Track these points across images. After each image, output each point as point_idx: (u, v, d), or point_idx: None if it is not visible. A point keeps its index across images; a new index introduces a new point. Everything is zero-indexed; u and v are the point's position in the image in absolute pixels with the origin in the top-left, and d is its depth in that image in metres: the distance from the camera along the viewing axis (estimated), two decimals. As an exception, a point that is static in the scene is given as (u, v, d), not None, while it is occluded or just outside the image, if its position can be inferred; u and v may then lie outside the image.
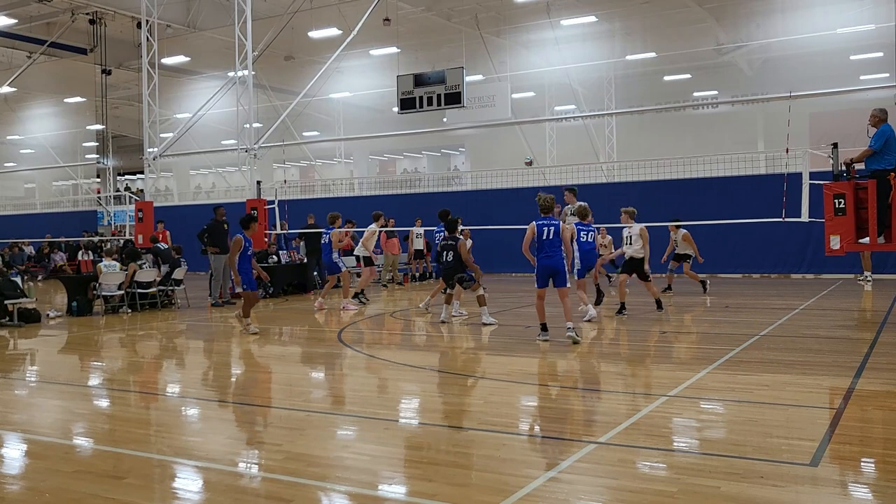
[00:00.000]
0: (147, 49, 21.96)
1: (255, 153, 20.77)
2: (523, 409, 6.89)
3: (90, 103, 33.17)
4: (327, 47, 24.90)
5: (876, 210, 10.50)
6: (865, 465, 4.99)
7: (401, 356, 9.85)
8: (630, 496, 4.39)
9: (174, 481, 5.00)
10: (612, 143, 30.54)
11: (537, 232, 10.03)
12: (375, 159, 42.49)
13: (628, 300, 13.07)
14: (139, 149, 24.93)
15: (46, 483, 4.85)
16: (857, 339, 10.13)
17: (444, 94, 18.25)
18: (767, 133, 28.61)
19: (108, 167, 37.12)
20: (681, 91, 30.59)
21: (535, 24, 26.77)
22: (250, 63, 20.44)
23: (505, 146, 31.42)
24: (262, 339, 11.01)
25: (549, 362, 8.87)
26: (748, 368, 8.11)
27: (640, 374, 8.14)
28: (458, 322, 12.53)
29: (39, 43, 26.86)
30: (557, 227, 10.04)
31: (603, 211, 20.93)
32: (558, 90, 30.59)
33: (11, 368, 9.64)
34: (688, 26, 26.88)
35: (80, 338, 12.30)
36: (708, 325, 11.83)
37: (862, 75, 25.80)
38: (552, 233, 9.99)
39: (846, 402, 6.48)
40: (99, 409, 7.28)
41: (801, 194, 13.05)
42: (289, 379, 8.51)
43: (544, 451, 5.43)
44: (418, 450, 5.53)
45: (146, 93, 22.21)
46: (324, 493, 4.62)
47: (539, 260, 10.11)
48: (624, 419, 5.98)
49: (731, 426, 5.93)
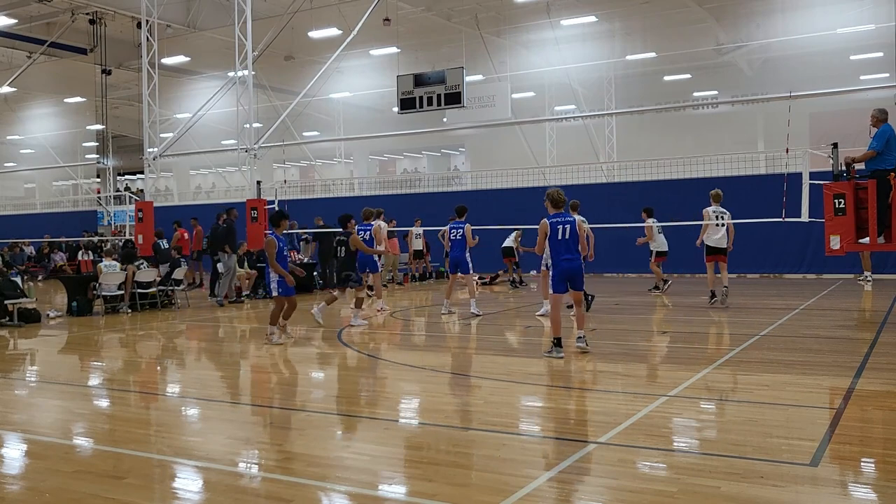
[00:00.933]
0: (147, 49, 21.95)
1: (255, 153, 20.77)
2: (523, 409, 6.89)
3: (90, 103, 33.15)
4: (327, 47, 24.89)
5: (876, 210, 10.50)
6: (865, 465, 4.99)
7: (401, 356, 9.85)
8: (630, 496, 4.39)
9: (174, 481, 5.00)
10: (612, 143, 30.54)
11: (551, 230, 8.96)
12: (375, 159, 42.48)
13: (629, 300, 13.07)
14: (139, 149, 24.92)
15: (46, 483, 4.86)
16: (857, 339, 10.13)
17: (444, 94, 18.25)
18: (767, 133, 28.60)
19: (108, 167, 37.12)
20: (681, 91, 30.57)
21: (535, 24, 26.76)
22: (250, 63, 20.44)
23: (505, 146, 31.40)
24: (261, 339, 10.99)
25: (548, 362, 8.86)
26: (748, 368, 8.11)
27: (639, 374, 8.14)
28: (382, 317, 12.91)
29: (39, 43, 26.85)
30: (573, 223, 9.01)
31: (603, 211, 20.99)
32: (558, 90, 30.58)
33: (11, 368, 9.64)
34: (688, 26, 26.87)
35: (80, 338, 12.30)
36: (708, 325, 11.82)
37: (862, 75, 25.77)
38: (568, 231, 8.93)
39: (846, 402, 6.48)
40: (99, 409, 7.28)
41: (801, 194, 13.06)
42: (289, 379, 8.51)
43: (544, 451, 5.43)
44: (418, 450, 5.53)
45: (146, 93, 22.21)
46: (324, 493, 4.62)
47: (559, 263, 8.97)
48: (624, 419, 5.97)
49: (731, 426, 5.92)
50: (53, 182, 45.74)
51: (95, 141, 38.97)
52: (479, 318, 12.82)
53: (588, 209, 21.74)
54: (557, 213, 9.09)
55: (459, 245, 13.33)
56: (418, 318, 13.55)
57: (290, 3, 23.35)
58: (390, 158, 44.18)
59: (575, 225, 9.03)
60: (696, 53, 28.56)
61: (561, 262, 8.96)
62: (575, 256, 9.00)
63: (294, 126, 29.93)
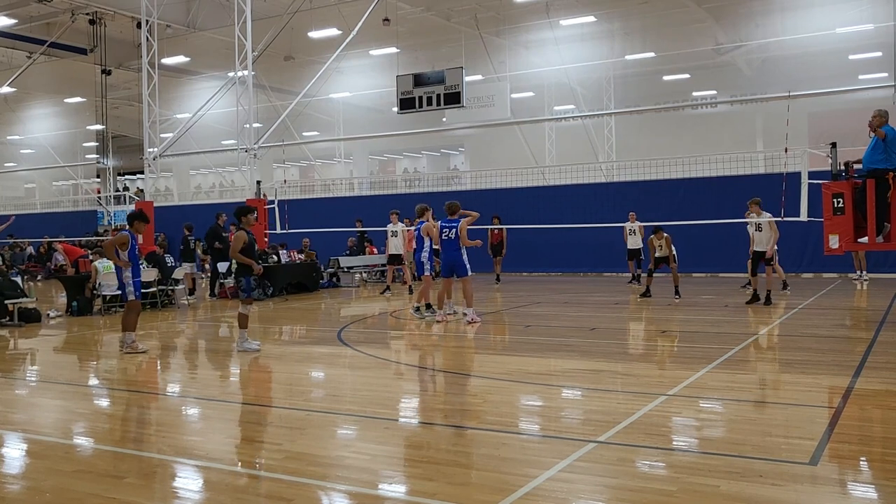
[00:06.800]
0: (147, 49, 21.97)
1: (255, 153, 20.79)
2: (523, 408, 6.90)
3: (90, 103, 33.14)
4: (327, 47, 24.91)
5: (874, 209, 10.51)
6: (864, 463, 5.00)
7: (401, 356, 9.86)
8: (630, 495, 4.40)
9: (174, 481, 5.00)
10: (611, 142, 30.55)
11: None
12: (375, 159, 42.49)
13: (629, 299, 13.06)
14: (139, 149, 24.94)
15: (47, 483, 4.86)
16: (856, 338, 10.14)
17: (444, 94, 18.28)
18: (766, 133, 28.63)
19: (108, 167, 37.14)
20: (680, 91, 30.60)
21: (535, 24, 26.77)
22: (250, 63, 20.46)
23: (504, 146, 31.41)
24: (261, 338, 11.00)
25: (548, 361, 8.88)
26: (747, 367, 8.12)
27: (639, 373, 8.14)
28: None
29: (39, 43, 26.84)
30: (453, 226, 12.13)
31: (602, 210, 21.02)
32: (557, 90, 30.59)
33: (12, 368, 9.64)
34: (687, 26, 26.88)
35: (80, 338, 12.30)
36: (708, 324, 11.84)
37: (861, 75, 25.80)
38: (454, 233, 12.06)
39: (845, 401, 6.49)
40: (99, 409, 7.29)
41: (799, 194, 13.07)
42: (289, 378, 8.52)
43: (544, 450, 5.44)
44: (418, 449, 5.54)
45: (146, 93, 22.22)
46: (324, 492, 4.62)
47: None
48: (623, 418, 5.98)
49: (731, 425, 5.94)
50: (53, 182, 45.74)
51: (95, 141, 38.98)
52: (478, 323, 12.09)
53: (587, 209, 21.96)
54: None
55: (454, 245, 12.19)
56: (418, 318, 13.54)
57: (290, 3, 23.36)
58: (390, 158, 44.18)
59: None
60: (695, 53, 28.57)
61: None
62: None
63: (294, 126, 29.94)
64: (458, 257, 12.23)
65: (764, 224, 13.74)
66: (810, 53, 26.25)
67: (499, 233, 20.65)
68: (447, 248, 12.34)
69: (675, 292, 15.03)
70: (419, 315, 12.82)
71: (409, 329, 12.26)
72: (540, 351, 9.59)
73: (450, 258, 12.34)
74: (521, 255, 22.06)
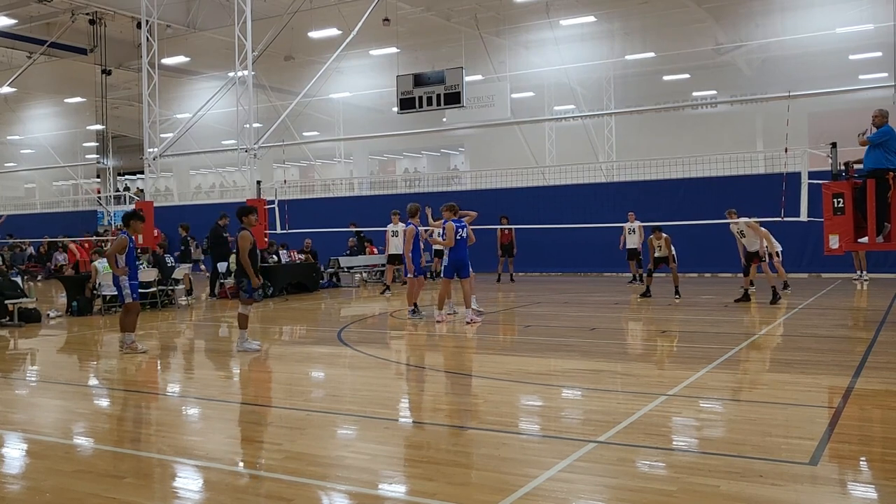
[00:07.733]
0: (147, 49, 21.96)
1: (255, 153, 20.78)
2: (523, 408, 6.90)
3: (90, 103, 33.13)
4: (327, 47, 24.89)
5: (874, 209, 10.51)
6: (864, 463, 5.00)
7: (401, 356, 9.86)
8: (630, 495, 4.40)
9: (174, 481, 5.00)
10: (611, 142, 30.54)
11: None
12: (375, 159, 42.47)
13: (627, 299, 13.06)
14: (139, 149, 24.93)
15: (47, 482, 4.86)
16: (856, 338, 10.14)
17: (444, 94, 18.26)
18: (766, 133, 28.61)
19: (108, 167, 37.10)
20: (680, 91, 30.58)
21: (535, 24, 26.76)
22: (250, 63, 20.44)
23: (504, 146, 31.40)
24: (261, 338, 11.00)
25: (548, 361, 8.88)
26: (747, 367, 8.12)
27: (639, 373, 8.15)
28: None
29: (39, 43, 26.83)
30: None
31: (602, 210, 21.01)
32: (557, 90, 30.58)
33: (12, 368, 9.65)
34: (687, 26, 26.87)
35: (80, 338, 12.30)
36: (708, 324, 11.84)
37: (861, 75, 25.79)
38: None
39: (845, 401, 6.49)
40: (99, 409, 7.29)
41: (799, 194, 13.07)
42: (289, 378, 8.52)
43: (544, 450, 5.44)
44: (418, 449, 5.54)
45: (146, 93, 22.21)
46: (324, 492, 4.62)
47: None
48: (623, 418, 5.98)
49: (731, 425, 5.94)
50: (53, 182, 45.73)
51: (95, 141, 38.96)
52: (478, 323, 12.16)
53: (587, 209, 21.94)
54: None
55: (464, 245, 12.39)
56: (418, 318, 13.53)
57: (290, 3, 23.36)
58: (390, 158, 44.17)
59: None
60: (696, 53, 28.56)
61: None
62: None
63: (294, 126, 29.93)
64: (465, 257, 12.38)
65: (744, 228, 13.91)
66: (810, 53, 26.24)
67: (508, 233, 20.71)
68: (458, 248, 12.40)
69: (675, 292, 15.09)
70: (417, 317, 12.93)
71: (409, 329, 12.26)
72: (540, 351, 9.59)
73: (459, 258, 12.39)
74: (522, 255, 22.01)
